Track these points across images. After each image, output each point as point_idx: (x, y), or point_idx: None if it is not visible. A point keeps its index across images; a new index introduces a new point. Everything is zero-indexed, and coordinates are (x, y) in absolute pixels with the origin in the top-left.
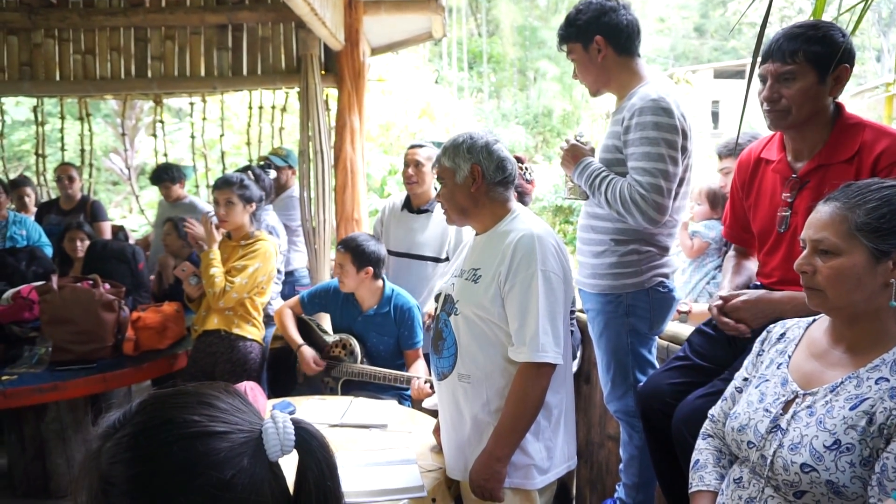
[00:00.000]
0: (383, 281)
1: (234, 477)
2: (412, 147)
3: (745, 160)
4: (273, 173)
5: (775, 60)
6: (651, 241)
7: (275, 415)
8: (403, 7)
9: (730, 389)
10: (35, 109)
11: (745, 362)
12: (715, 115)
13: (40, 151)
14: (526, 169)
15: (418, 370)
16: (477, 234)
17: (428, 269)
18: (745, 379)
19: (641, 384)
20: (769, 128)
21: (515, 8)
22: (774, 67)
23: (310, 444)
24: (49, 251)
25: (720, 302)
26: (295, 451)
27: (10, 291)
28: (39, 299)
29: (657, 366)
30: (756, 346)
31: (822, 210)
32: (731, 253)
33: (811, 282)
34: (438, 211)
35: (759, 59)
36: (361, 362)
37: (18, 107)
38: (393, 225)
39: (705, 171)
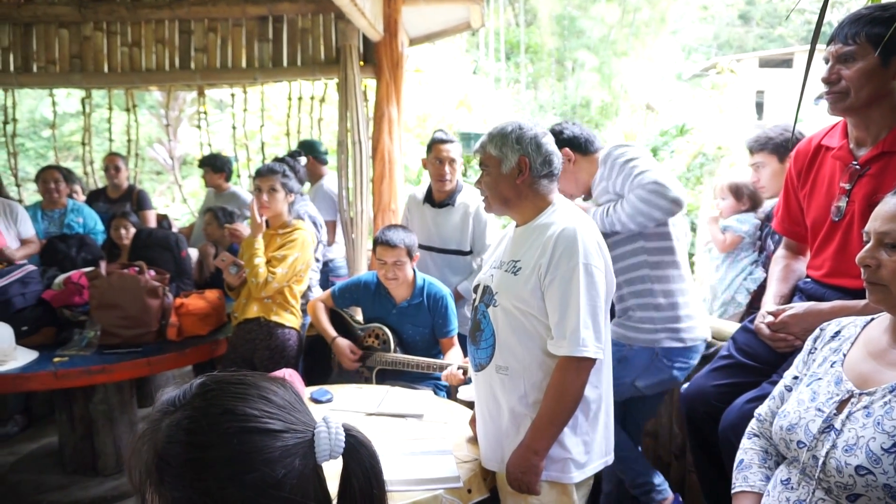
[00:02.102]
0: (414, 272)
1: (284, 476)
2: (442, 142)
3: (804, 149)
4: (303, 160)
5: (837, 42)
6: (668, 296)
7: (327, 419)
8: None
9: (779, 388)
10: (84, 101)
11: (796, 360)
12: (759, 106)
13: (87, 141)
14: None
15: (453, 358)
16: (517, 226)
17: (453, 262)
18: (796, 377)
19: (686, 386)
20: (828, 111)
21: None
22: (836, 49)
23: (358, 451)
24: (101, 238)
25: (770, 318)
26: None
27: (62, 277)
28: (89, 285)
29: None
30: (808, 344)
31: (891, 202)
32: (780, 252)
33: (874, 276)
34: (459, 204)
35: (825, 43)
36: (394, 351)
37: (69, 98)
38: (417, 217)
39: (744, 165)
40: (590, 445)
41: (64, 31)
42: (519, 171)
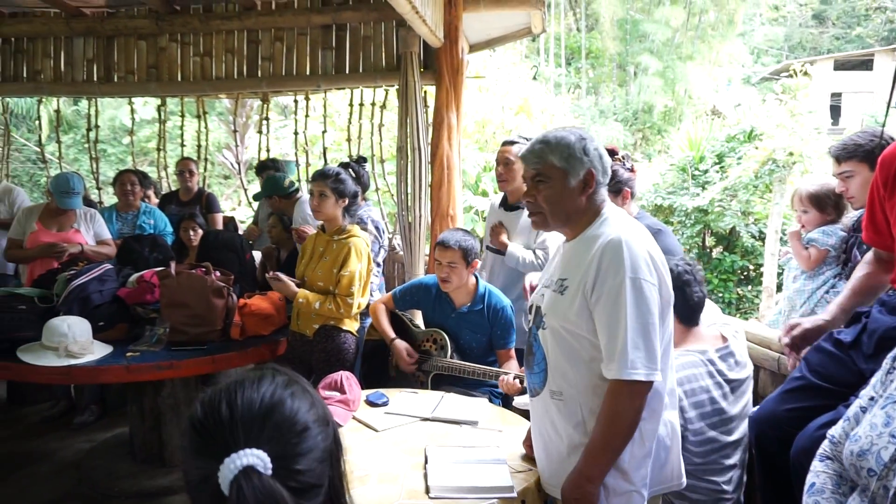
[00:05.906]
0: (476, 279)
1: (189, 483)
2: (505, 144)
3: (890, 155)
4: (368, 166)
5: None
6: None
7: (230, 459)
8: (503, 3)
9: (854, 408)
10: (159, 108)
11: (873, 379)
12: (835, 110)
13: (162, 147)
14: (624, 158)
15: (510, 369)
16: (566, 241)
17: None
18: (872, 398)
19: (756, 409)
20: None
21: (616, 0)
22: None
23: (244, 497)
24: (170, 239)
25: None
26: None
27: (135, 275)
28: (160, 283)
29: None
30: (886, 363)
31: None
32: (868, 258)
33: None
34: None
35: None
36: (451, 357)
37: (146, 106)
38: (491, 221)
39: (823, 173)
40: (662, 469)
41: (142, 43)
42: (585, 184)
